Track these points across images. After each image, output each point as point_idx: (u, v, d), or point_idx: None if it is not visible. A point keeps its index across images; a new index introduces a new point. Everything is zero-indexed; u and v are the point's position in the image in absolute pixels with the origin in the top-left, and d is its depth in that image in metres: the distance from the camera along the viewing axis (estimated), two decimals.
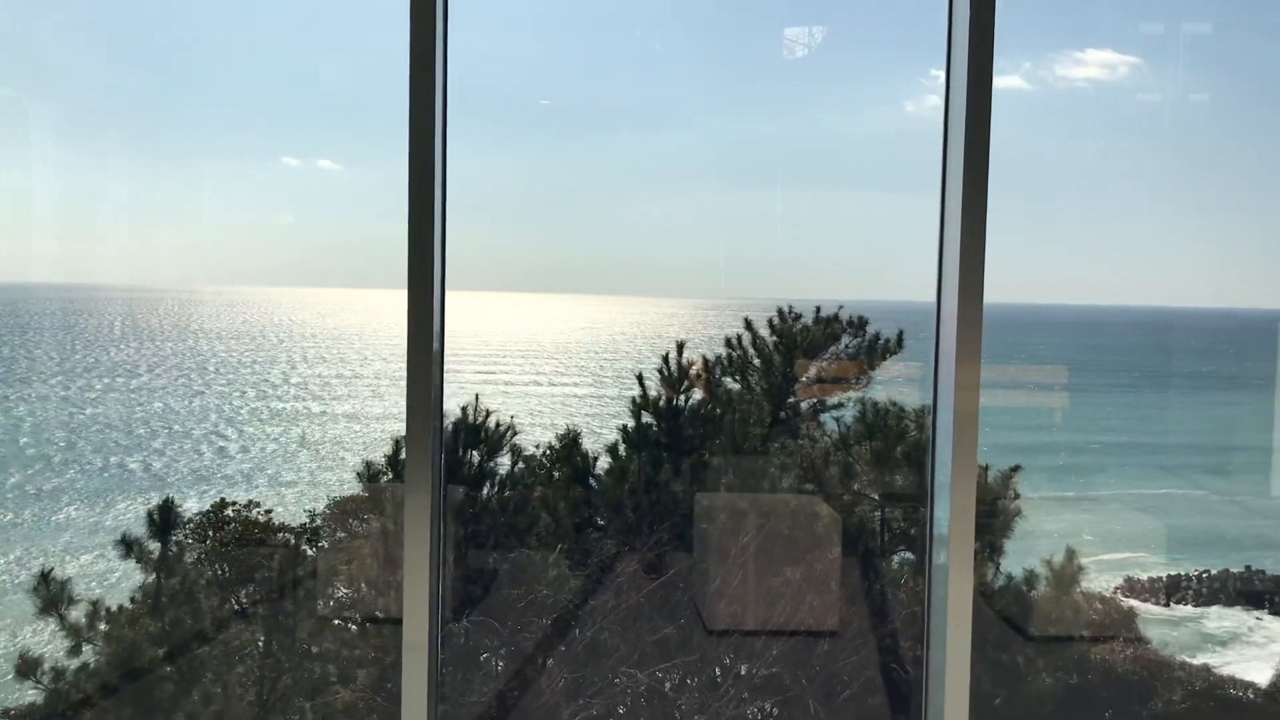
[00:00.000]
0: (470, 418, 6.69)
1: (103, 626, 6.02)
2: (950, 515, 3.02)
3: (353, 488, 6.94)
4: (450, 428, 6.60)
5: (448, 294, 2.93)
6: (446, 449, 6.59)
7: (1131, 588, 13.63)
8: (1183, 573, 14.00)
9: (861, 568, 6.77)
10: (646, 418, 7.06)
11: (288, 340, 31.47)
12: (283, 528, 6.68)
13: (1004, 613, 7.31)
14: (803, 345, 7.82)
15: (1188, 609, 13.47)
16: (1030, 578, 7.51)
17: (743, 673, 6.16)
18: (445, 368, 2.91)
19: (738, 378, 7.75)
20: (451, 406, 6.67)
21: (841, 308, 7.80)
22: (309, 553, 6.58)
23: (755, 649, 6.20)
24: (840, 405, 7.73)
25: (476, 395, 6.75)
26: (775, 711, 6.16)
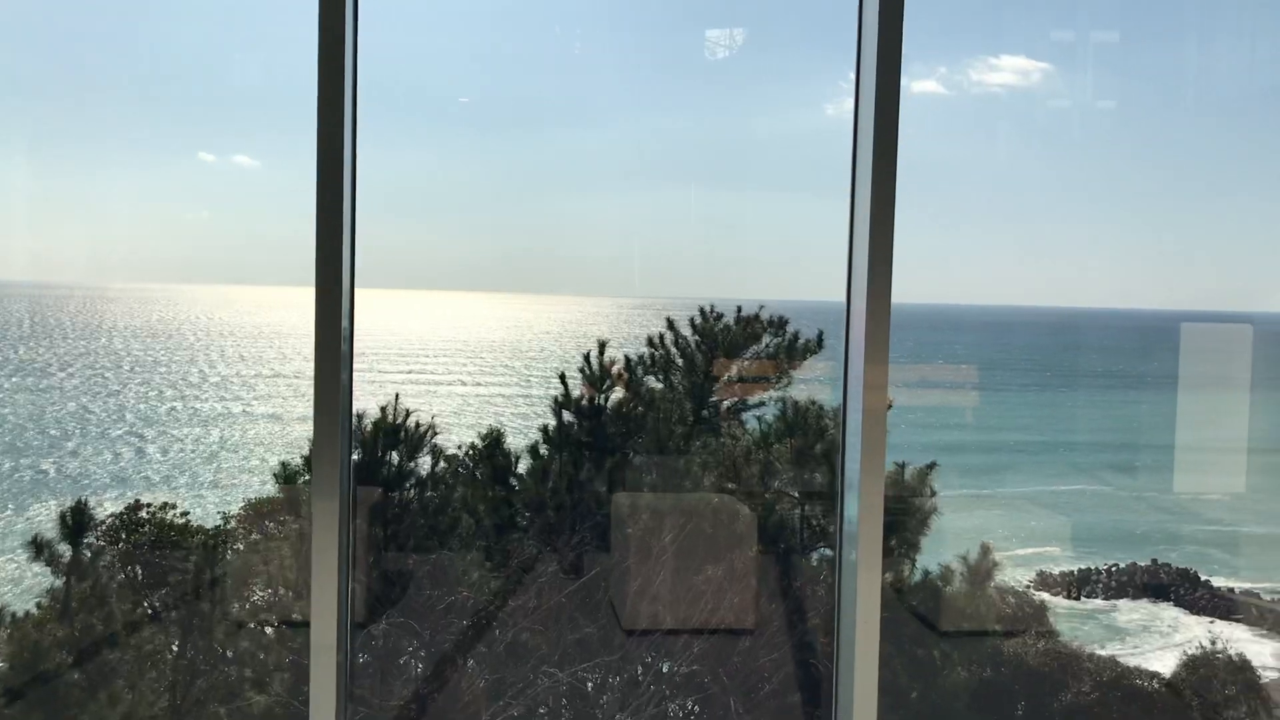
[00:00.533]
0: (390, 418, 6.63)
1: (3, 632, 5.85)
2: (859, 512, 3.07)
3: (274, 489, 6.85)
4: (369, 428, 6.54)
5: (371, 292, 2.90)
6: (365, 449, 6.53)
7: (1044, 581, 13.96)
8: (1093, 566, 14.37)
9: (781, 565, 6.83)
10: (569, 417, 7.05)
11: (206, 338, 30.87)
12: (199, 530, 6.56)
13: (920, 608, 7.42)
14: (724, 344, 7.87)
15: (1098, 602, 13.83)
16: (946, 573, 7.64)
17: (664, 670, 6.19)
18: (366, 367, 2.88)
19: (660, 377, 7.76)
20: (371, 406, 6.61)
21: (762, 307, 7.86)
22: (226, 555, 6.46)
23: (675, 648, 6.23)
24: (761, 404, 7.79)
25: (396, 395, 6.69)
26: (696, 709, 6.20)
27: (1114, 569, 14.23)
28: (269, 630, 6.26)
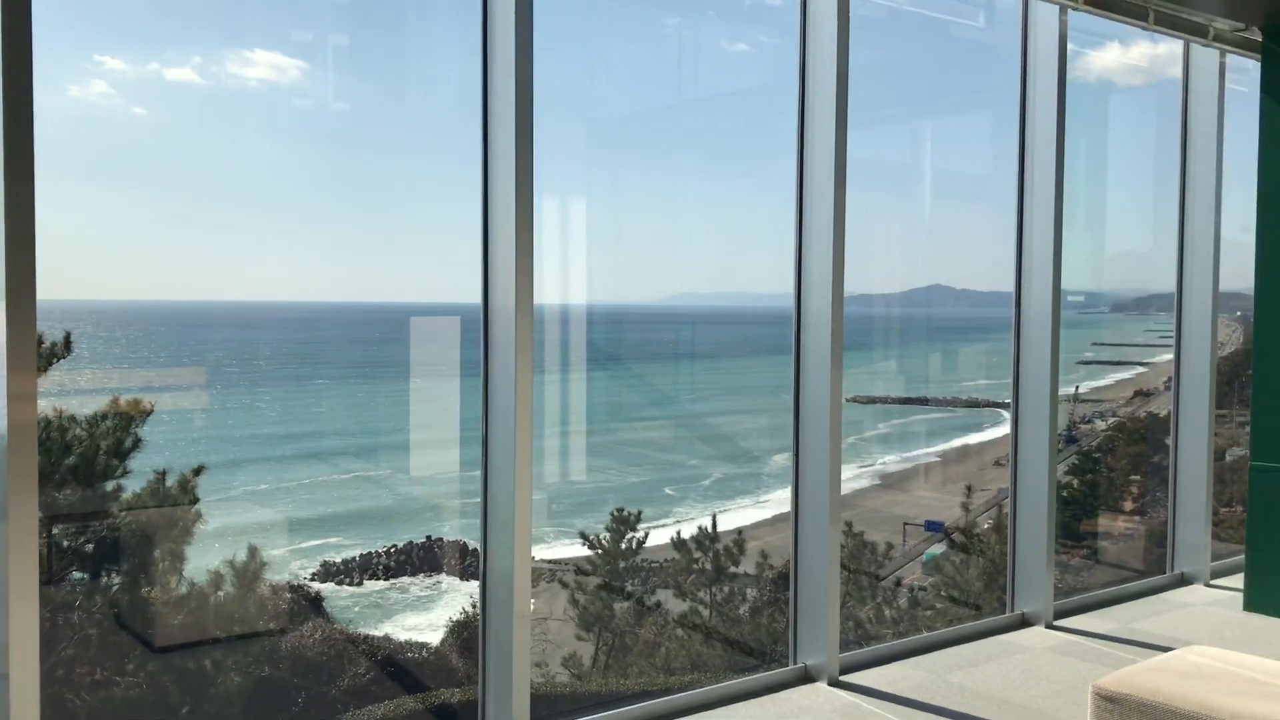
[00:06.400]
0: None
1: None
2: (10, 534, 2.82)
3: None
4: None
5: None
6: None
7: (327, 572, 14.28)
8: (374, 550, 14.99)
9: None
10: None
11: None
12: None
13: (187, 620, 7.19)
14: None
15: (379, 584, 14.49)
16: (216, 579, 7.48)
17: None
18: None
19: None
20: None
21: None
22: None
23: None
24: None
25: None
26: None
27: (393, 550, 15.00)
28: None
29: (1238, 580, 7.36)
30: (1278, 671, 4.04)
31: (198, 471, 7.51)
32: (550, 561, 13.45)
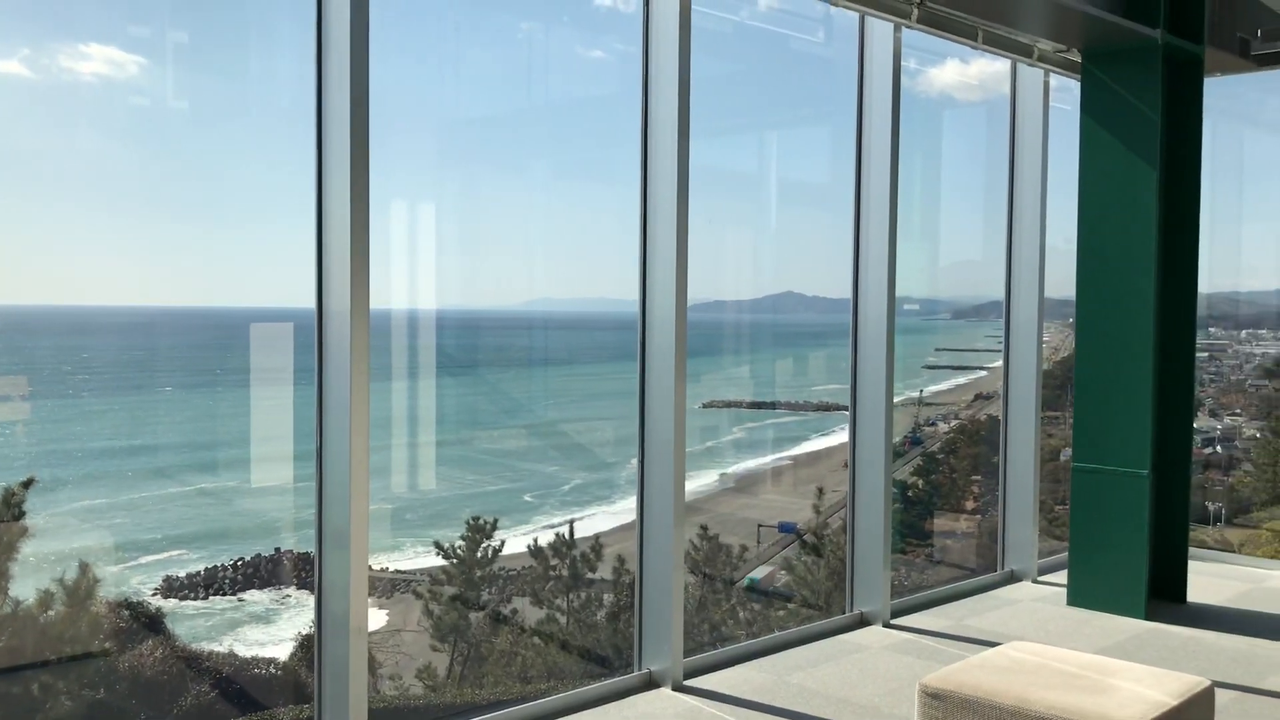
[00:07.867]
0: None
1: None
2: None
3: None
4: None
5: None
6: None
7: (170, 587, 13.78)
8: (220, 564, 14.53)
9: None
10: None
11: None
12: None
13: (12, 642, 6.91)
14: None
15: (225, 598, 14.06)
16: (45, 598, 7.19)
17: None
18: None
19: None
20: None
21: None
22: None
23: None
24: None
25: None
26: None
27: (240, 563, 14.56)
28: None
29: (1063, 576, 7.72)
30: (1090, 664, 4.25)
31: (26, 485, 7.22)
32: (403, 572, 13.25)
